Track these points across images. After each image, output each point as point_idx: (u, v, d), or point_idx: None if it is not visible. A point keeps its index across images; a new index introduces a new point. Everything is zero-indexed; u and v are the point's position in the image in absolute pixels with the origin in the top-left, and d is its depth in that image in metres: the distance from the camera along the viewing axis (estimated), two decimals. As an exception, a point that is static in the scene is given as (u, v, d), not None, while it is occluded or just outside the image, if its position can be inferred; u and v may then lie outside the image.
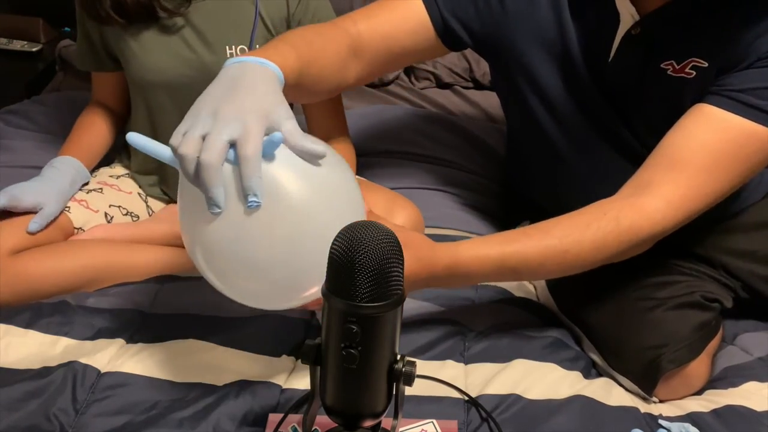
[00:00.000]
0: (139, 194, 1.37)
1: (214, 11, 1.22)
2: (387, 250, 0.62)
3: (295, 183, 0.75)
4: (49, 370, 0.95)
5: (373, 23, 1.04)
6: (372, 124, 1.65)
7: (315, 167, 0.77)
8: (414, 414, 0.90)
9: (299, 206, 0.75)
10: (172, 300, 1.11)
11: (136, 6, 1.18)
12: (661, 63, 0.98)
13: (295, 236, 0.75)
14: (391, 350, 0.67)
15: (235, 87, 0.77)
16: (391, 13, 1.05)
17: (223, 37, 1.23)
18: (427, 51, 1.10)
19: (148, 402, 0.92)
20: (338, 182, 0.80)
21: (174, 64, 1.23)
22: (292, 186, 0.74)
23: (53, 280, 1.13)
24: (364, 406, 0.69)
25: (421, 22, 1.05)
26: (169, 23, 1.21)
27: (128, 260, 1.20)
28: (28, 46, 2.00)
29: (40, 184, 1.19)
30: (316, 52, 0.95)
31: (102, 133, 1.36)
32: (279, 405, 0.92)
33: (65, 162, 1.26)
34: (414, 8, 1.05)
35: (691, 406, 0.98)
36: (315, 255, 0.70)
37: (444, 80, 1.83)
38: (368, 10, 1.06)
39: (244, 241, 0.75)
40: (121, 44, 1.24)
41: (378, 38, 1.04)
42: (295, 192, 0.74)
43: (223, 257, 0.78)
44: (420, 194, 1.44)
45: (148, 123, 1.31)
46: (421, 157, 1.55)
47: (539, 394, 0.94)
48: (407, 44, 1.06)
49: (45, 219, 1.16)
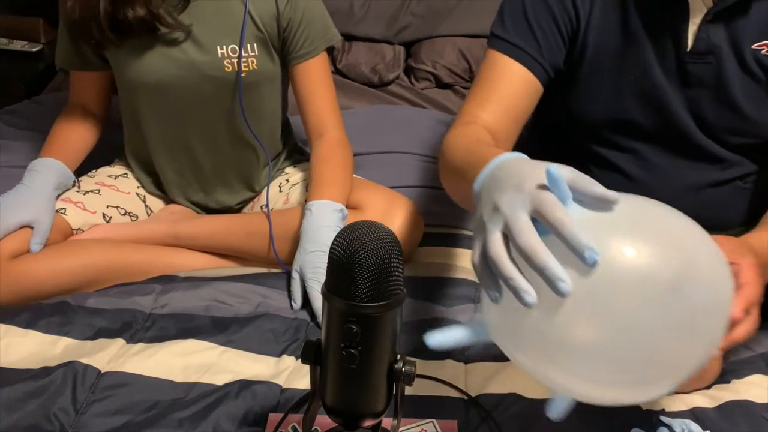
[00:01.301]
0: (138, 194, 1.37)
1: (205, 12, 1.21)
2: (387, 250, 0.62)
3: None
4: (49, 370, 0.95)
5: (492, 108, 1.02)
6: (372, 123, 1.65)
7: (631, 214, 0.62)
8: (414, 414, 0.90)
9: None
10: (172, 300, 1.11)
11: (138, 23, 1.15)
12: (753, 44, 1.00)
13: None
14: (391, 350, 0.67)
15: (494, 178, 0.69)
16: (501, 87, 1.03)
17: (214, 37, 1.22)
18: (538, 96, 1.08)
19: (148, 402, 0.92)
20: (683, 228, 0.63)
21: (165, 65, 1.22)
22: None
23: (53, 281, 1.13)
24: (364, 406, 0.69)
25: (528, 81, 1.04)
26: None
27: (128, 260, 1.20)
28: (28, 46, 2.01)
29: (27, 197, 1.16)
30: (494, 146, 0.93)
31: (82, 134, 1.33)
32: (279, 405, 0.92)
33: (47, 165, 1.23)
34: (517, 72, 1.03)
35: (694, 400, 0.97)
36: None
37: (444, 80, 1.84)
38: (477, 98, 1.04)
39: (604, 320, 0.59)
40: (111, 49, 1.22)
41: (504, 116, 1.02)
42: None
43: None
44: (419, 193, 1.44)
45: (139, 125, 1.30)
46: (420, 157, 1.55)
47: (539, 393, 0.94)
48: (526, 104, 1.05)
49: (44, 236, 1.14)
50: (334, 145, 1.29)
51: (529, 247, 0.58)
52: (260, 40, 1.24)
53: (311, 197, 1.19)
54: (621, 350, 0.59)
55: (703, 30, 1.00)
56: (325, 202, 1.17)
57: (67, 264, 1.15)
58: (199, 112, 1.27)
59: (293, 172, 1.41)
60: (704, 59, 1.02)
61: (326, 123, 1.30)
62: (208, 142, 1.31)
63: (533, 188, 0.61)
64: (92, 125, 1.35)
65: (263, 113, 1.32)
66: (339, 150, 1.29)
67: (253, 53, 1.24)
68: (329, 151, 1.28)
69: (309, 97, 1.30)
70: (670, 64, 1.03)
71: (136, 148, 1.36)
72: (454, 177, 0.89)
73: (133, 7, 1.14)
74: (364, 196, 1.25)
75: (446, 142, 0.96)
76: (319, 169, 1.26)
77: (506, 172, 0.67)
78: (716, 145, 1.09)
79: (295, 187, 1.36)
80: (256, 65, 1.24)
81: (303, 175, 1.38)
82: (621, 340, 0.58)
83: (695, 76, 1.03)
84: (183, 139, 1.30)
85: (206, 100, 1.26)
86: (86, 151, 1.34)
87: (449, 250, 1.30)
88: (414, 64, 1.86)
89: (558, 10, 1.03)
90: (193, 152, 1.32)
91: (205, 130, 1.30)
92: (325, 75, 1.32)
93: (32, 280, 1.12)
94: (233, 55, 1.23)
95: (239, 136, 1.31)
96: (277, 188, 1.38)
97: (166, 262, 1.23)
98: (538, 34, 1.03)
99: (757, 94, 1.03)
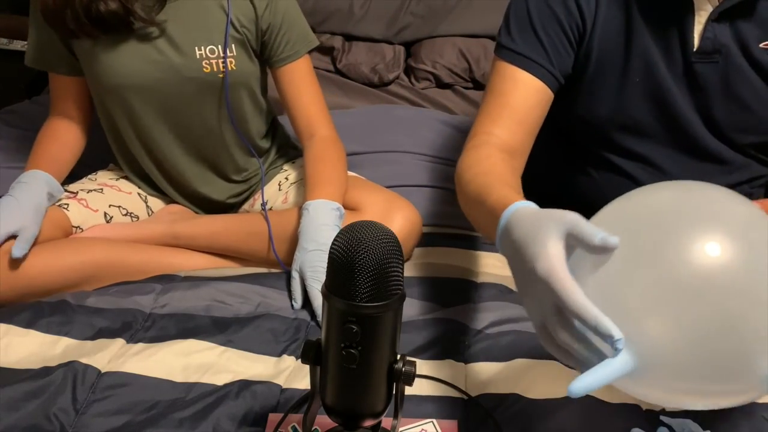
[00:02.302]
0: (139, 194, 1.37)
1: (182, 13, 1.21)
2: (387, 250, 0.62)
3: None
4: (49, 369, 0.95)
5: (505, 122, 1.01)
6: (372, 123, 1.65)
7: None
8: (414, 414, 0.90)
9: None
10: (172, 300, 1.11)
11: (111, 17, 1.14)
12: (760, 43, 1.00)
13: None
14: (391, 350, 0.67)
15: (511, 248, 0.71)
16: (513, 99, 1.02)
17: (192, 38, 1.22)
18: (549, 104, 1.08)
19: (148, 402, 0.92)
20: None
21: (142, 67, 1.21)
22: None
23: (53, 277, 1.13)
24: (364, 405, 0.69)
25: (539, 90, 1.03)
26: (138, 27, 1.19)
27: (128, 259, 1.20)
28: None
29: (14, 208, 1.13)
30: (514, 178, 0.93)
31: (66, 145, 1.30)
32: (279, 405, 0.92)
33: (35, 176, 1.20)
34: (528, 82, 1.03)
35: (694, 401, 0.98)
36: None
37: (444, 80, 1.84)
38: (490, 113, 1.03)
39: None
40: (84, 46, 1.21)
41: (517, 128, 1.02)
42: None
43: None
44: (418, 193, 1.44)
45: (121, 128, 1.29)
46: (420, 156, 1.55)
47: (539, 393, 0.94)
48: (538, 114, 1.04)
49: (28, 242, 1.11)
50: (326, 145, 1.29)
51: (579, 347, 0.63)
52: (238, 41, 1.24)
53: (308, 197, 1.20)
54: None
55: (709, 29, 1.00)
56: (321, 201, 1.17)
57: (67, 260, 1.15)
58: (180, 114, 1.27)
59: (292, 170, 1.41)
60: (711, 59, 1.02)
61: (315, 123, 1.31)
62: (192, 143, 1.31)
63: (548, 280, 0.63)
64: (75, 134, 1.32)
65: (245, 113, 1.32)
66: (331, 149, 1.29)
67: (231, 54, 1.24)
68: (322, 150, 1.28)
69: (295, 100, 1.31)
70: (677, 65, 1.03)
71: (121, 152, 1.35)
72: (471, 214, 0.91)
73: (106, 1, 1.13)
74: (363, 198, 1.25)
75: (459, 168, 0.96)
76: (314, 169, 1.26)
77: (518, 245, 0.69)
78: (724, 146, 1.08)
79: (294, 185, 1.36)
80: (235, 66, 1.25)
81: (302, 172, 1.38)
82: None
83: (702, 76, 1.03)
84: (166, 140, 1.30)
85: (187, 101, 1.26)
86: (72, 161, 1.32)
87: (449, 250, 1.30)
88: (414, 64, 1.86)
89: (563, 15, 1.02)
90: (177, 153, 1.32)
91: (188, 131, 1.30)
92: (310, 76, 1.32)
93: (32, 275, 1.12)
94: (212, 56, 1.23)
95: (223, 135, 1.31)
96: (277, 186, 1.38)
97: (165, 261, 1.23)
98: (546, 41, 1.02)
99: (766, 92, 1.03)
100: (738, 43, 1.01)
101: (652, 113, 1.07)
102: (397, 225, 1.20)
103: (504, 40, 1.05)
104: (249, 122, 1.33)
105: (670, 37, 1.02)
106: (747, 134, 1.07)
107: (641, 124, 1.08)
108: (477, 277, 1.20)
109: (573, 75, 1.07)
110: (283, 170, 1.42)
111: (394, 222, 1.21)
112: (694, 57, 1.02)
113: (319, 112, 1.31)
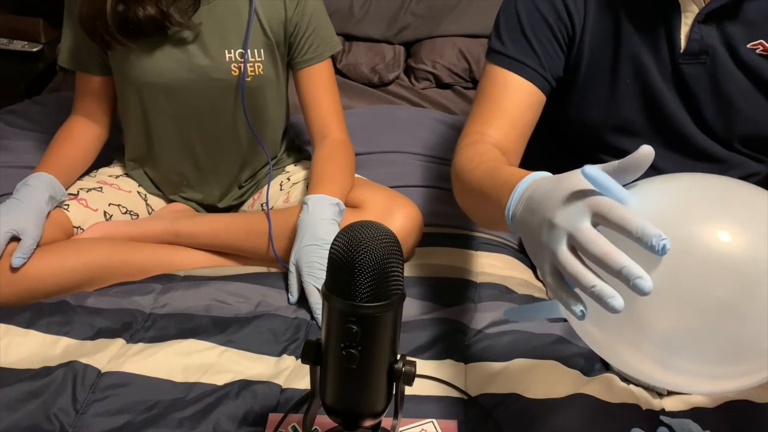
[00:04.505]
0: (139, 192, 1.37)
1: (215, 16, 1.21)
2: (387, 250, 0.62)
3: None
4: (49, 369, 0.95)
5: (498, 123, 1.02)
6: (372, 123, 1.65)
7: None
8: (414, 414, 0.90)
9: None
10: (172, 300, 1.11)
11: (148, 22, 1.15)
12: (747, 44, 1.00)
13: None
14: (391, 350, 0.67)
15: (534, 199, 0.69)
16: (504, 102, 1.03)
17: (222, 41, 1.22)
18: (542, 107, 1.08)
19: (148, 402, 0.92)
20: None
21: (172, 67, 1.22)
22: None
23: (54, 279, 1.13)
24: (364, 405, 0.69)
25: (531, 93, 1.04)
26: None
27: (129, 258, 1.20)
28: (28, 46, 2.01)
29: (16, 210, 1.13)
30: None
31: (81, 146, 1.30)
32: (279, 405, 0.92)
33: (39, 179, 1.20)
34: (519, 85, 1.03)
35: (694, 400, 0.97)
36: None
37: (444, 80, 1.84)
38: (482, 116, 1.03)
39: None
40: (118, 48, 1.21)
41: (510, 130, 1.02)
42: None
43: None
44: (418, 193, 1.44)
45: (143, 126, 1.30)
46: (420, 156, 1.55)
47: (539, 393, 0.94)
48: (530, 117, 1.05)
49: (28, 251, 1.11)
50: (336, 146, 1.30)
51: (602, 253, 0.57)
52: (267, 46, 1.25)
53: (309, 193, 1.20)
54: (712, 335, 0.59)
55: (696, 31, 1.00)
56: (321, 196, 1.18)
57: (68, 262, 1.15)
58: (204, 115, 1.28)
59: (294, 171, 1.41)
60: (698, 59, 1.02)
61: (330, 125, 1.31)
62: (210, 144, 1.32)
63: (584, 196, 0.61)
64: (93, 135, 1.33)
65: (267, 117, 1.33)
66: (341, 151, 1.30)
67: (260, 58, 1.25)
68: (331, 151, 1.29)
69: (313, 101, 1.32)
70: (665, 66, 1.04)
71: (136, 148, 1.35)
72: (476, 201, 0.89)
73: (144, 6, 1.14)
74: (365, 196, 1.25)
75: (458, 163, 0.96)
76: (320, 167, 1.26)
77: (544, 190, 0.67)
78: (716, 145, 1.09)
79: (296, 186, 1.36)
80: (263, 70, 1.25)
81: (304, 173, 1.38)
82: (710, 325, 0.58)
83: (690, 77, 1.04)
84: (187, 139, 1.31)
85: (213, 103, 1.26)
86: (85, 165, 1.32)
87: (449, 250, 1.30)
88: (414, 64, 1.86)
89: (553, 18, 1.03)
90: (196, 152, 1.32)
91: (209, 132, 1.30)
92: (330, 80, 1.33)
93: (33, 278, 1.12)
94: (241, 59, 1.23)
95: (242, 138, 1.32)
96: (278, 186, 1.39)
97: (166, 260, 1.23)
98: (536, 45, 1.03)
99: (754, 93, 1.03)
100: (725, 45, 1.01)
101: (644, 114, 1.07)
102: (398, 222, 1.20)
103: (495, 44, 1.05)
104: (268, 126, 1.34)
105: (658, 39, 1.03)
106: (737, 133, 1.08)
107: (634, 125, 1.08)
108: (477, 277, 1.20)
109: (564, 78, 1.07)
110: (285, 171, 1.42)
111: (396, 219, 1.21)
112: (681, 58, 1.03)
113: (335, 116, 1.33)
